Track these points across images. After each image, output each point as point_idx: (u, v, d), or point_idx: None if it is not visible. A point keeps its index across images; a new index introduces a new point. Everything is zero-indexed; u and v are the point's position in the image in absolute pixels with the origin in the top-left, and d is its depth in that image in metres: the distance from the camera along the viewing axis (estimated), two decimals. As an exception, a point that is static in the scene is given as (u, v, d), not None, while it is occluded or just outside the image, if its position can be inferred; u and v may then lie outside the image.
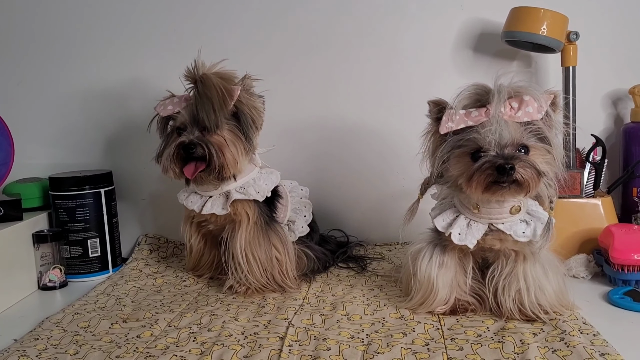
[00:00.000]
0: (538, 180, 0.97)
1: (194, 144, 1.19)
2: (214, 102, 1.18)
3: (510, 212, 1.05)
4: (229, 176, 1.23)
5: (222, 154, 1.20)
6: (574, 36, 1.39)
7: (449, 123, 1.01)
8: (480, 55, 1.56)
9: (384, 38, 1.57)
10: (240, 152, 1.23)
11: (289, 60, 1.59)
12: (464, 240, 1.05)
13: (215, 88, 1.17)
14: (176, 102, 1.25)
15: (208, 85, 1.17)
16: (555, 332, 0.96)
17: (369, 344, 0.97)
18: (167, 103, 1.26)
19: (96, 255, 1.46)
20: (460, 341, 0.96)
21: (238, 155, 1.22)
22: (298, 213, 1.38)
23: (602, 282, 1.24)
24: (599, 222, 1.33)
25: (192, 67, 1.20)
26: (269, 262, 1.26)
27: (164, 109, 1.26)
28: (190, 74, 1.20)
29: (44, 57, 1.62)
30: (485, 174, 0.96)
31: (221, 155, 1.20)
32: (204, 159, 1.20)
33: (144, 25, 1.60)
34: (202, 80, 1.18)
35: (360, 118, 1.59)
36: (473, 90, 1.02)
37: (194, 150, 1.19)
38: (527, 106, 0.98)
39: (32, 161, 1.60)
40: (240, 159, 1.23)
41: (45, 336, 1.06)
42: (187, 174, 1.21)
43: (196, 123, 1.21)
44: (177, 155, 1.21)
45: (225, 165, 1.20)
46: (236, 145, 1.22)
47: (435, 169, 1.07)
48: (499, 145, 0.97)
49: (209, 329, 1.06)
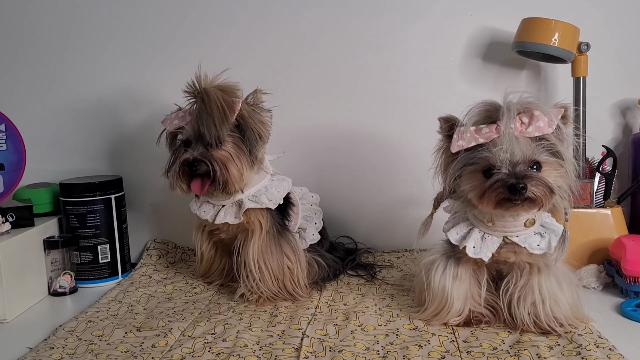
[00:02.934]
0: (550, 196, 0.98)
1: (197, 161, 1.19)
2: (215, 117, 1.17)
3: (524, 225, 1.05)
4: (235, 190, 1.23)
5: (226, 169, 1.20)
6: (585, 47, 1.39)
7: (460, 141, 1.01)
8: (489, 64, 1.56)
9: (391, 46, 1.57)
10: (245, 166, 1.22)
11: (293, 68, 1.59)
12: (479, 253, 1.06)
13: (215, 102, 1.17)
14: (181, 116, 1.25)
15: (208, 100, 1.17)
16: (572, 346, 0.97)
17: (385, 356, 0.98)
18: (173, 117, 1.26)
19: (106, 261, 1.47)
20: (476, 354, 0.97)
21: (243, 170, 1.22)
22: (309, 220, 1.39)
23: (613, 293, 1.24)
24: (609, 232, 1.34)
25: (193, 81, 1.19)
26: (280, 270, 1.27)
27: (170, 123, 1.26)
28: (191, 88, 1.20)
29: (55, 63, 1.62)
30: (497, 192, 0.97)
31: (225, 171, 1.20)
32: (208, 175, 1.20)
33: (156, 32, 1.60)
34: (202, 95, 1.18)
35: (368, 125, 1.60)
36: (482, 107, 1.02)
37: (198, 167, 1.19)
38: (537, 121, 0.98)
39: (42, 166, 1.60)
40: (245, 172, 1.23)
41: (61, 345, 1.06)
42: (195, 191, 1.22)
43: (200, 138, 1.21)
44: (183, 172, 1.22)
45: (229, 181, 1.21)
46: (240, 160, 1.22)
47: (447, 185, 1.08)
48: (510, 163, 0.98)
49: (224, 338, 1.07)
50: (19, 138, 1.42)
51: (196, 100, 1.20)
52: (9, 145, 1.40)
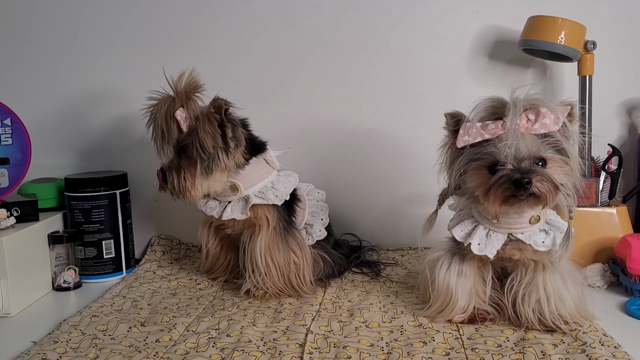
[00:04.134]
0: (555, 193, 0.97)
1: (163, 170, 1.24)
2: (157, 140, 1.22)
3: (529, 222, 1.05)
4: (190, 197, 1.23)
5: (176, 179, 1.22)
6: (592, 45, 1.39)
7: (465, 137, 1.01)
8: (495, 62, 1.56)
9: (397, 43, 1.57)
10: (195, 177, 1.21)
11: (300, 64, 1.59)
12: (484, 250, 1.06)
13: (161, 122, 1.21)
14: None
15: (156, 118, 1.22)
16: (576, 344, 0.96)
17: (390, 353, 0.97)
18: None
19: (110, 256, 1.47)
20: (480, 351, 0.97)
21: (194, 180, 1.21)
22: (315, 216, 1.38)
23: (618, 292, 1.24)
24: (614, 231, 1.34)
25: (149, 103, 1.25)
26: (287, 266, 1.27)
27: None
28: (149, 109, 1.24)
29: (60, 58, 1.62)
30: (502, 188, 0.97)
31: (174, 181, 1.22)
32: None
33: (161, 28, 1.60)
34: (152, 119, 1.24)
35: (373, 123, 1.59)
36: (489, 103, 1.02)
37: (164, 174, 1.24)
38: (544, 118, 0.98)
39: (47, 161, 1.60)
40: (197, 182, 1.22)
41: (65, 339, 1.06)
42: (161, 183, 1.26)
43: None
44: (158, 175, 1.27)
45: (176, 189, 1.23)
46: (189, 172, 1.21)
47: (452, 181, 1.07)
48: (515, 158, 0.97)
49: (228, 334, 1.07)
50: (24, 132, 1.42)
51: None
52: (14, 140, 1.41)
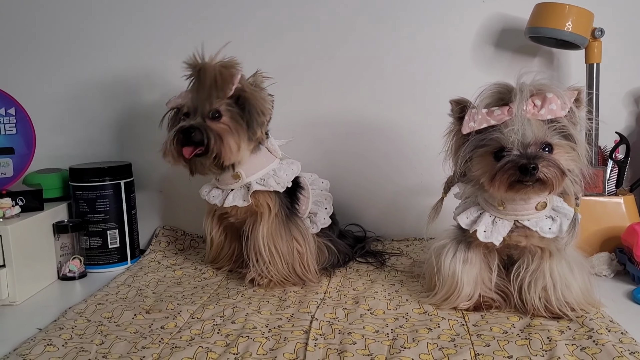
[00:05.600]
0: (562, 178, 0.97)
1: (192, 128, 1.18)
2: (212, 89, 1.17)
3: (536, 209, 1.04)
4: (228, 164, 1.22)
5: (221, 140, 1.19)
6: (599, 33, 1.38)
7: (471, 123, 1.00)
8: (502, 51, 1.55)
9: (402, 33, 1.56)
10: (242, 140, 1.21)
11: (306, 55, 1.59)
12: (490, 237, 1.05)
13: (212, 75, 1.17)
14: (184, 95, 1.25)
15: (206, 73, 1.17)
16: (583, 330, 0.96)
17: (395, 339, 0.97)
18: (177, 97, 1.27)
19: (115, 246, 1.47)
20: (486, 337, 0.96)
21: (239, 143, 1.21)
22: (319, 205, 1.38)
23: (625, 281, 1.23)
24: (621, 220, 1.33)
25: (193, 55, 1.19)
26: (290, 254, 1.26)
27: (173, 101, 1.27)
28: (191, 63, 1.20)
29: (64, 48, 1.62)
30: (508, 174, 0.96)
31: (219, 142, 1.19)
32: (202, 144, 1.19)
33: (163, 16, 1.60)
34: (201, 68, 1.18)
35: (378, 113, 1.59)
36: (495, 89, 1.01)
37: (193, 134, 1.18)
38: (550, 103, 0.97)
39: (52, 151, 1.60)
40: (242, 145, 1.21)
41: (70, 326, 1.06)
42: (185, 154, 1.20)
43: (197, 111, 1.21)
44: (177, 140, 1.20)
45: (222, 152, 1.19)
46: (238, 133, 1.21)
47: (458, 168, 1.07)
48: (522, 144, 0.96)
49: (233, 321, 1.07)
50: (29, 122, 1.42)
51: (194, 74, 1.20)
52: (19, 129, 1.41)
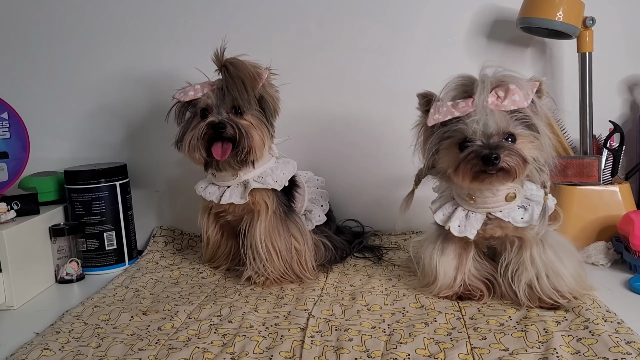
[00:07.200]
0: (524, 166, 0.98)
1: (224, 124, 1.19)
2: (246, 83, 1.19)
3: (505, 200, 1.05)
4: (254, 159, 1.24)
5: (250, 136, 1.20)
6: (590, 22, 1.37)
7: (436, 115, 1.02)
8: (494, 43, 1.55)
9: (393, 24, 1.56)
10: (265, 137, 1.24)
11: (293, 52, 1.58)
12: (464, 232, 1.07)
13: (247, 69, 1.19)
14: (197, 89, 1.25)
15: (239, 67, 1.19)
16: (579, 320, 0.96)
17: (391, 334, 0.97)
18: (187, 90, 1.26)
19: (112, 248, 1.47)
20: (483, 330, 0.96)
21: (264, 138, 1.23)
22: (315, 203, 1.38)
23: (622, 270, 1.23)
24: (617, 209, 1.32)
25: (219, 51, 1.20)
26: (288, 252, 1.26)
27: (185, 95, 1.25)
28: (217, 57, 1.21)
29: (58, 50, 1.62)
30: (471, 164, 0.98)
31: (249, 137, 1.20)
32: (231, 140, 1.20)
33: (158, 17, 1.59)
34: (232, 63, 1.19)
35: (369, 108, 1.58)
36: (459, 81, 1.03)
37: (224, 129, 1.19)
38: (513, 95, 0.99)
39: (46, 155, 1.60)
40: (266, 141, 1.24)
41: (67, 329, 1.06)
42: (217, 156, 1.20)
43: (223, 105, 1.21)
44: (205, 135, 1.20)
45: (252, 148, 1.21)
46: (262, 129, 1.23)
47: (426, 161, 1.09)
48: (484, 134, 0.98)
49: (230, 320, 1.07)
50: (22, 126, 1.42)
51: (223, 68, 1.20)
52: (12, 134, 1.41)
